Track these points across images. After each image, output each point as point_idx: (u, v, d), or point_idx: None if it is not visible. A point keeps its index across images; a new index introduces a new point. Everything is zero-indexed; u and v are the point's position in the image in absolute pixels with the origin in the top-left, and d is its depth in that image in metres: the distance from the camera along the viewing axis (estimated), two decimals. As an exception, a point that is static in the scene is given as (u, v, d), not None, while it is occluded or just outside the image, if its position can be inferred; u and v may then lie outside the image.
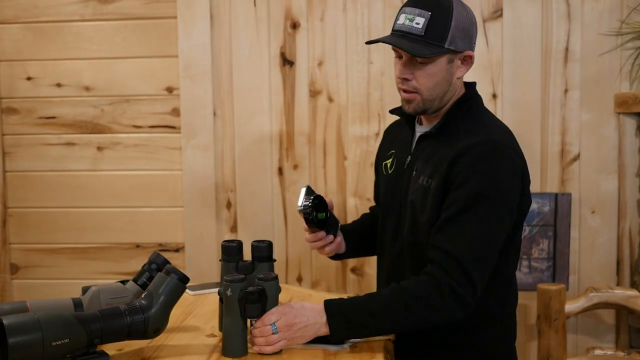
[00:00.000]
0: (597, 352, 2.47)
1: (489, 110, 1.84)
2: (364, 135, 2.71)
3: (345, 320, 1.61)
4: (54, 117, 2.82)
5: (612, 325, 2.70)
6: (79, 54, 2.78)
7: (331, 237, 1.92)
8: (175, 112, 2.77)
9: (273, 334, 1.59)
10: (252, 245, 1.77)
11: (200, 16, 2.70)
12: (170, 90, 2.77)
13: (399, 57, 1.74)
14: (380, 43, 1.72)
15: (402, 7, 1.74)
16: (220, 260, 1.79)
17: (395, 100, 2.68)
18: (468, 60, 1.76)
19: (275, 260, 1.79)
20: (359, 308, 1.62)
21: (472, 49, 1.75)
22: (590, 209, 2.67)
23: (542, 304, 2.50)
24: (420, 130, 1.85)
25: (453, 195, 1.66)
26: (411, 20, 1.69)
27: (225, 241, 1.78)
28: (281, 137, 2.74)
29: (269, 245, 1.77)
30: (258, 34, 2.71)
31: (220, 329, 1.70)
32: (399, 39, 1.70)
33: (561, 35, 2.62)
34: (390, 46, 1.73)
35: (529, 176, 1.75)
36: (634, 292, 2.48)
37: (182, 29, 2.71)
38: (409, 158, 1.83)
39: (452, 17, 1.68)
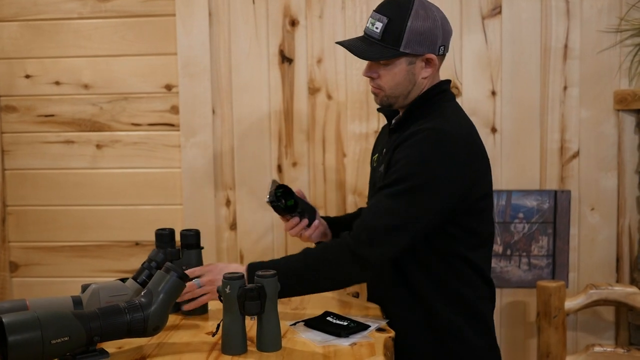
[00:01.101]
0: (597, 349, 2.47)
1: (456, 106, 1.90)
2: (363, 132, 2.71)
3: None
4: (52, 115, 2.82)
5: (611, 322, 2.70)
6: (77, 51, 2.78)
7: (305, 221, 2.02)
8: (174, 109, 2.77)
9: (197, 288, 1.76)
10: (181, 234, 1.92)
11: (199, 14, 2.69)
12: (169, 88, 2.77)
13: None
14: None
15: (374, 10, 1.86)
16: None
17: (395, 97, 2.68)
18: (431, 64, 1.84)
19: (202, 248, 1.93)
20: (272, 266, 1.75)
21: (436, 51, 1.82)
22: (590, 206, 2.67)
23: (541, 301, 2.50)
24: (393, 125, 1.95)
25: (387, 173, 1.78)
26: (372, 25, 1.82)
27: (158, 229, 1.91)
28: (280, 134, 2.74)
29: (197, 233, 1.92)
30: (257, 32, 2.71)
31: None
32: (360, 43, 1.83)
33: (560, 32, 2.62)
34: None
35: (483, 169, 1.82)
36: (633, 289, 2.48)
37: (180, 26, 2.71)
38: (384, 150, 1.92)
39: (407, 22, 1.77)
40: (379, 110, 2.00)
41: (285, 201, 1.98)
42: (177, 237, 1.93)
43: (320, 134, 2.73)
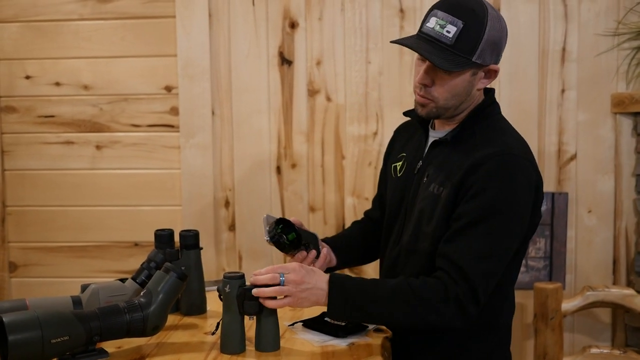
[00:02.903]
0: (594, 350, 2.48)
1: (505, 118, 1.81)
2: (362, 134, 2.72)
3: (344, 296, 1.60)
4: (52, 116, 2.82)
5: (608, 324, 2.71)
6: (77, 53, 2.79)
7: (314, 252, 1.86)
8: (174, 111, 2.78)
9: (280, 285, 1.58)
10: (180, 234, 1.90)
11: (199, 15, 2.70)
12: (168, 89, 2.78)
13: (422, 60, 1.69)
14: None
15: (435, 7, 1.67)
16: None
17: (393, 100, 2.69)
18: (492, 74, 1.72)
19: (202, 248, 1.91)
20: (361, 289, 1.62)
21: (498, 62, 1.71)
22: (587, 209, 2.68)
23: (538, 302, 2.51)
24: (434, 135, 1.80)
25: (466, 206, 1.63)
26: (442, 27, 1.63)
27: (157, 230, 1.90)
28: (279, 136, 2.75)
29: (196, 234, 1.90)
30: (257, 34, 2.72)
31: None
32: (426, 45, 1.64)
33: (558, 35, 2.63)
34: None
35: (542, 189, 1.73)
36: (630, 291, 2.49)
37: (180, 28, 2.72)
38: (420, 163, 1.79)
39: (485, 30, 1.62)
40: (405, 113, 1.89)
41: (287, 236, 1.81)
42: (177, 238, 1.94)
43: (319, 135, 2.74)
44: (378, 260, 1.99)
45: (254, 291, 1.58)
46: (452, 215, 1.66)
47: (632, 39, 2.59)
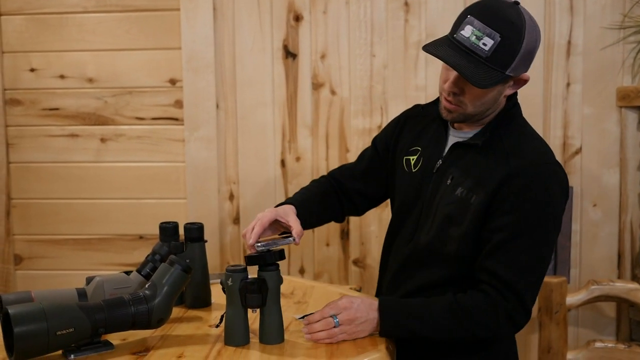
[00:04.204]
0: (598, 344, 2.47)
1: (525, 119, 1.80)
2: (367, 128, 2.71)
3: (395, 321, 1.63)
4: (57, 109, 2.83)
5: (613, 318, 2.71)
6: (82, 45, 2.79)
7: (292, 239, 1.73)
8: (179, 104, 2.78)
9: (334, 327, 1.60)
10: (185, 227, 1.88)
11: (203, 8, 2.70)
12: (173, 82, 2.78)
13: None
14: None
15: (470, 14, 1.61)
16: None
17: (398, 93, 2.69)
18: (521, 83, 1.71)
19: (206, 241, 1.90)
20: (411, 311, 1.64)
21: (528, 69, 1.68)
22: (592, 203, 2.68)
23: (543, 296, 2.50)
24: (456, 135, 1.78)
25: (503, 219, 1.63)
26: (478, 38, 1.57)
27: (162, 223, 1.89)
28: (284, 129, 2.75)
29: (200, 227, 1.89)
30: (261, 27, 2.71)
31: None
32: (460, 57, 1.59)
33: (563, 28, 2.62)
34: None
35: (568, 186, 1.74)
36: (635, 285, 2.49)
37: (185, 21, 2.72)
38: (440, 162, 1.77)
39: (522, 44, 1.59)
40: (424, 107, 1.87)
41: (271, 260, 1.63)
42: (181, 231, 1.94)
43: (323, 129, 2.73)
44: (379, 257, 1.99)
45: (307, 337, 1.61)
46: (487, 225, 1.66)
47: (638, 32, 2.58)
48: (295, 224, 1.76)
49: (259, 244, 1.68)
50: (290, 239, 1.72)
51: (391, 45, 2.66)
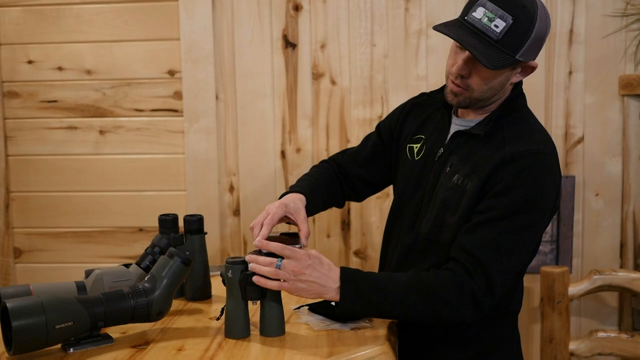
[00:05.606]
0: (600, 334, 2.47)
1: (531, 111, 1.79)
2: (367, 118, 2.70)
3: (357, 292, 1.58)
4: (55, 101, 2.81)
5: (615, 307, 2.70)
6: (80, 37, 2.77)
7: (300, 240, 1.74)
8: (178, 95, 2.76)
9: (277, 268, 1.56)
10: (184, 219, 1.87)
11: (202, -2, 2.68)
12: (172, 73, 2.76)
13: (461, 48, 1.65)
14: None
15: None
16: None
17: (398, 83, 2.67)
18: (528, 70, 1.71)
19: (206, 233, 1.90)
20: (374, 284, 1.60)
21: (536, 57, 1.69)
22: (594, 192, 2.66)
23: (545, 286, 2.49)
24: (458, 123, 1.78)
25: (491, 201, 1.62)
26: (490, 20, 1.58)
27: (162, 215, 1.90)
28: (284, 120, 2.73)
29: (200, 219, 1.89)
30: (260, 17, 2.69)
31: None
32: (471, 37, 1.59)
33: (565, 16, 2.60)
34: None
35: (561, 185, 1.72)
36: (637, 275, 2.48)
37: (183, 11, 2.70)
38: (442, 150, 1.77)
39: (533, 28, 1.59)
40: (430, 95, 1.86)
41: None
42: (181, 223, 1.93)
43: (324, 119, 2.72)
44: (380, 247, 1.98)
45: (251, 266, 1.57)
46: (476, 208, 1.64)
47: (641, 20, 2.56)
48: (303, 224, 1.75)
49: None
50: (298, 246, 1.67)
51: (392, 34, 2.64)
